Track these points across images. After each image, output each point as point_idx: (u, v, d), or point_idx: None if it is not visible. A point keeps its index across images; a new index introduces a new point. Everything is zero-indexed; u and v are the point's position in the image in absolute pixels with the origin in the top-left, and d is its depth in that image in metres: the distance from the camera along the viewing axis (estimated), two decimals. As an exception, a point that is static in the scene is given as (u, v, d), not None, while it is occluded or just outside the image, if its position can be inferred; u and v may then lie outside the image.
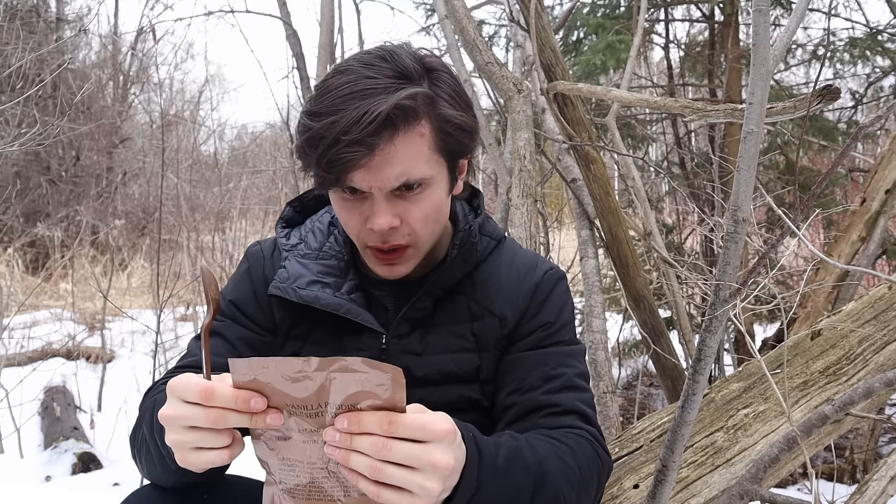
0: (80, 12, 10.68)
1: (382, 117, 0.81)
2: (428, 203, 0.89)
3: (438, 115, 0.87)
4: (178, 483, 0.87)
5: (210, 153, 11.66)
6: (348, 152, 0.82)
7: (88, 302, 6.39)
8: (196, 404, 0.70)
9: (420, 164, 0.86)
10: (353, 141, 0.81)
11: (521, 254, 1.06)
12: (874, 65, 4.40)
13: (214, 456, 0.72)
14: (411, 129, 0.84)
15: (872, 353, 1.64)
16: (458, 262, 1.00)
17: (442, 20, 2.38)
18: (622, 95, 1.99)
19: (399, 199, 0.87)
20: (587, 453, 0.90)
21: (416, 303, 0.98)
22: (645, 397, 4.13)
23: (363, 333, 0.98)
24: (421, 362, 0.98)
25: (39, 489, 2.80)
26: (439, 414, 0.71)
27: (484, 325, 1.00)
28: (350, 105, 0.82)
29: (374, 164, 0.83)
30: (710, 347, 1.07)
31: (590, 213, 2.44)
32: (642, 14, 2.66)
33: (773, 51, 1.01)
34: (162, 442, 0.79)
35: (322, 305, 0.96)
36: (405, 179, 0.86)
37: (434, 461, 0.67)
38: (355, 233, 0.92)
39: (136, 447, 0.91)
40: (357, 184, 0.86)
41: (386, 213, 0.87)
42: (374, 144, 0.82)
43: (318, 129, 0.83)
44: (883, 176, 2.74)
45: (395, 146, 0.83)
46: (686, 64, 4.88)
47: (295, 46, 4.35)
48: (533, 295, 1.01)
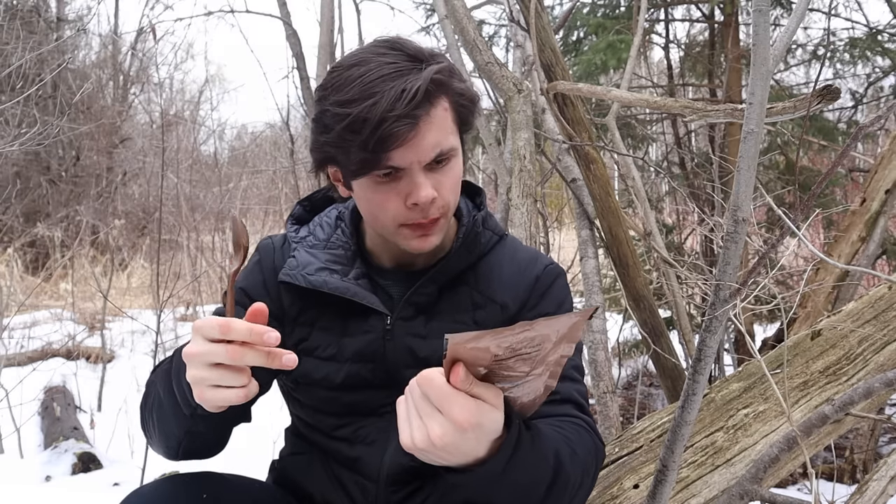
0: (80, 12, 10.68)
1: (422, 91, 0.87)
2: (454, 174, 0.95)
3: (454, 89, 0.94)
4: (187, 435, 0.90)
5: (210, 153, 11.67)
6: (397, 127, 0.86)
7: (88, 302, 6.39)
8: (218, 342, 0.76)
9: (449, 135, 0.93)
10: (399, 116, 0.86)
11: (522, 249, 1.10)
12: (874, 65, 4.41)
13: (231, 394, 0.77)
14: (439, 102, 0.91)
15: (872, 353, 1.64)
16: (463, 251, 1.04)
17: (442, 20, 2.38)
18: (622, 95, 1.99)
19: (432, 171, 0.93)
20: (586, 442, 0.93)
21: (420, 288, 1.01)
22: (645, 397, 4.13)
23: (369, 316, 1.02)
24: (424, 345, 1.01)
25: (39, 489, 2.80)
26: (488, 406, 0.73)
27: (486, 312, 1.03)
28: (385, 86, 0.86)
29: (416, 138, 0.89)
30: (710, 347, 1.07)
31: (590, 213, 2.44)
32: (642, 14, 2.66)
33: (773, 51, 1.01)
34: (178, 386, 0.85)
35: (330, 289, 1.00)
36: (439, 150, 0.91)
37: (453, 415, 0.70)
38: (392, 214, 0.94)
39: (147, 411, 0.96)
40: (397, 161, 0.89)
41: (426, 185, 0.91)
42: (418, 117, 0.87)
43: (359, 112, 0.86)
44: (883, 176, 2.74)
45: (431, 119, 0.90)
46: (686, 64, 4.88)
47: (295, 46, 4.35)
48: (533, 287, 1.05)
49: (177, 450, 0.94)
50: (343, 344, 1.02)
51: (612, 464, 1.50)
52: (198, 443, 0.93)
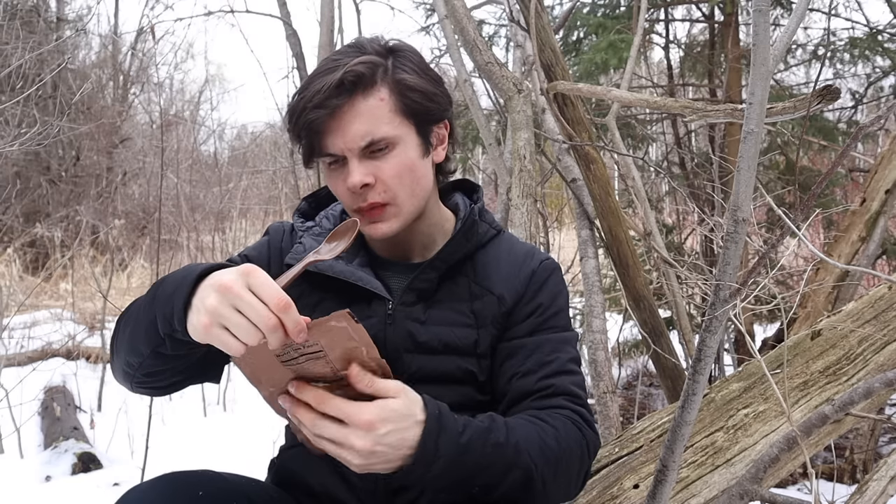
0: (80, 12, 10.69)
1: (336, 82, 0.94)
2: (398, 162, 0.98)
3: (397, 80, 0.98)
4: (153, 355, 0.89)
5: (210, 153, 11.68)
6: (313, 115, 0.94)
7: (88, 302, 6.39)
8: (264, 304, 0.75)
9: (382, 125, 0.96)
10: (315, 105, 0.94)
11: (518, 244, 1.14)
12: (874, 65, 4.41)
13: (235, 344, 0.77)
14: (369, 93, 0.96)
15: (872, 353, 1.64)
16: (461, 239, 1.07)
17: (442, 20, 2.38)
18: (622, 95, 1.99)
19: (370, 159, 0.98)
20: (570, 432, 0.97)
21: (422, 274, 1.05)
22: (645, 397, 4.13)
23: (371, 301, 1.05)
24: (423, 330, 1.04)
25: (39, 489, 2.80)
26: (380, 403, 0.82)
27: (483, 303, 1.06)
28: (316, 81, 0.96)
29: (339, 125, 0.95)
30: (710, 347, 1.07)
31: (590, 213, 2.44)
32: (642, 14, 2.66)
33: (773, 51, 1.01)
34: (166, 303, 0.84)
35: (335, 273, 1.04)
36: (370, 139, 0.96)
37: (350, 443, 0.81)
38: (345, 199, 1.02)
39: (123, 323, 0.96)
40: (330, 148, 0.97)
41: (357, 171, 0.97)
42: (334, 106, 0.94)
43: (292, 105, 0.98)
44: (883, 176, 2.74)
45: (354, 108, 0.95)
46: (686, 64, 4.88)
47: (295, 46, 4.34)
48: (530, 280, 1.08)
49: (136, 369, 0.92)
50: None
51: (612, 464, 1.50)
52: (159, 368, 0.91)
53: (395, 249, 1.09)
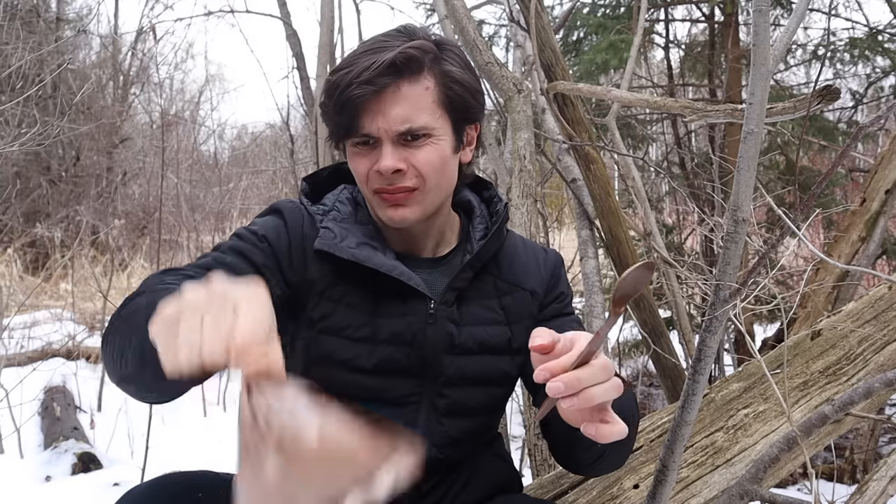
0: (80, 12, 10.67)
1: (388, 62, 0.91)
2: (433, 153, 0.96)
3: (443, 71, 0.95)
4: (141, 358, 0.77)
5: (210, 153, 11.67)
6: (359, 91, 0.91)
7: (88, 302, 6.39)
8: None
9: (423, 114, 0.94)
10: (363, 81, 0.91)
11: (526, 240, 1.17)
12: (874, 65, 4.41)
13: None
14: (416, 79, 0.94)
15: (872, 353, 1.63)
16: (494, 237, 1.06)
17: (442, 20, 2.38)
18: (622, 95, 1.99)
19: (405, 146, 0.95)
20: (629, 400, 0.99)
21: (461, 273, 1.02)
22: (645, 397, 4.13)
23: (408, 299, 1.00)
24: (459, 330, 1.02)
25: (39, 489, 2.80)
26: None
27: (514, 299, 1.07)
28: (363, 57, 0.93)
29: (381, 106, 0.92)
30: (710, 347, 1.07)
31: (590, 213, 2.44)
32: (642, 14, 2.66)
33: (773, 51, 1.01)
34: None
35: (374, 265, 0.97)
36: (409, 125, 0.93)
37: None
38: (364, 178, 0.98)
39: (123, 315, 0.86)
40: (367, 128, 0.93)
41: (391, 156, 0.94)
42: (382, 84, 0.91)
43: (335, 79, 0.94)
44: (883, 176, 2.74)
45: (400, 91, 0.93)
46: (686, 64, 4.88)
47: (295, 46, 4.35)
48: (552, 272, 1.12)
49: (140, 353, 0.79)
50: (378, 325, 0.99)
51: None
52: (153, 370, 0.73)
53: (408, 244, 1.04)
